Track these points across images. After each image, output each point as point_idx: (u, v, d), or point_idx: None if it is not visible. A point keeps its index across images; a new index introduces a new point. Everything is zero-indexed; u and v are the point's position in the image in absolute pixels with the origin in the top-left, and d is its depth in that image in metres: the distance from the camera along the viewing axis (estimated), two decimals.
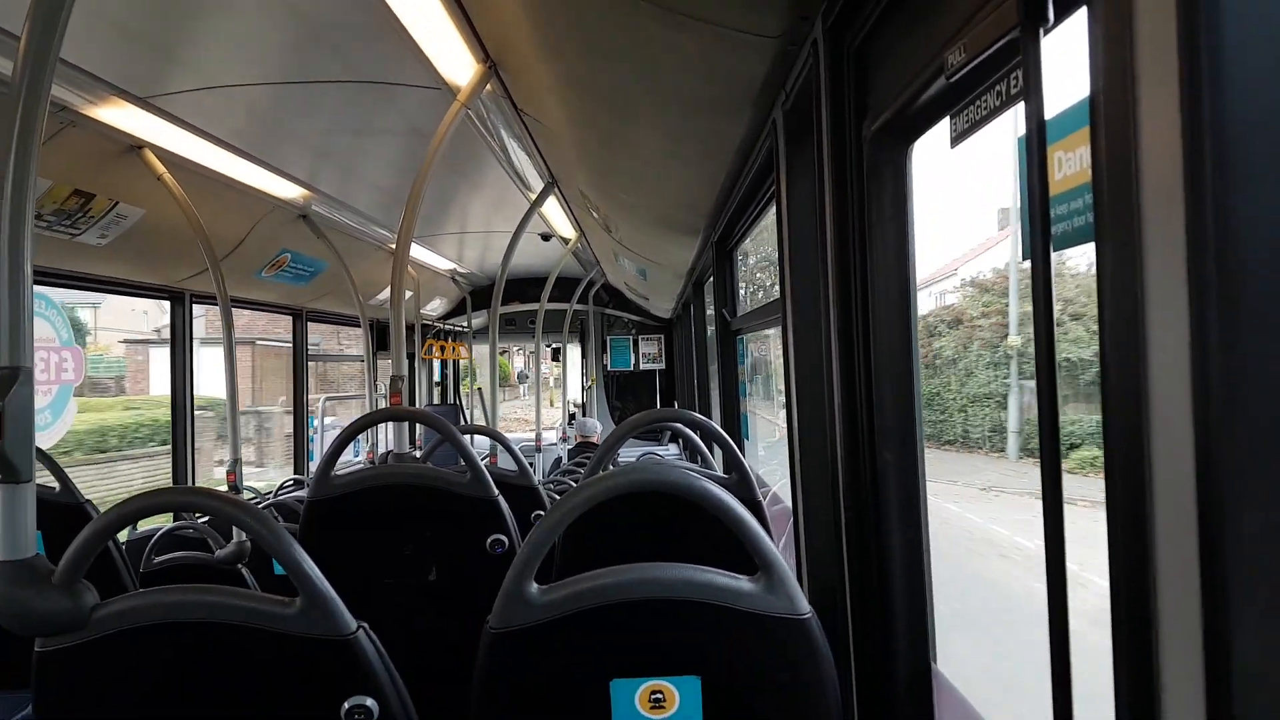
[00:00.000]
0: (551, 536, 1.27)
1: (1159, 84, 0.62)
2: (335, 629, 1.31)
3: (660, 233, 4.22)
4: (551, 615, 1.22)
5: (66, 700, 1.33)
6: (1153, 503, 0.66)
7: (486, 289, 8.80)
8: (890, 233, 1.40)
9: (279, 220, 4.59)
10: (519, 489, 2.99)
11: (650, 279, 6.34)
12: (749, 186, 2.73)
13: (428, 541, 2.39)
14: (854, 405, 1.46)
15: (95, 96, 2.79)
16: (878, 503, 1.42)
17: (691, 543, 1.83)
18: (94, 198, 3.35)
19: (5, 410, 1.39)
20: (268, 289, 5.41)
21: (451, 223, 5.99)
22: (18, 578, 1.34)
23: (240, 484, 4.25)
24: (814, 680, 1.22)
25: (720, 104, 2.05)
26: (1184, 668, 0.63)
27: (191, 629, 1.30)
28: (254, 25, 2.54)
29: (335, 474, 2.38)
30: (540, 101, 2.78)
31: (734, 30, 1.59)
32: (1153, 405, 0.65)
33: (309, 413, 6.71)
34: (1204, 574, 0.61)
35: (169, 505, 1.80)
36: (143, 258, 4.11)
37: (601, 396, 10.08)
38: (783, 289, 1.97)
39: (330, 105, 3.27)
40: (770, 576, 1.23)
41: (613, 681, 1.22)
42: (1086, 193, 0.85)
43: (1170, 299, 0.62)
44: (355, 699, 1.31)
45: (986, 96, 1.06)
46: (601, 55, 2.01)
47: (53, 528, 1.69)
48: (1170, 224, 0.62)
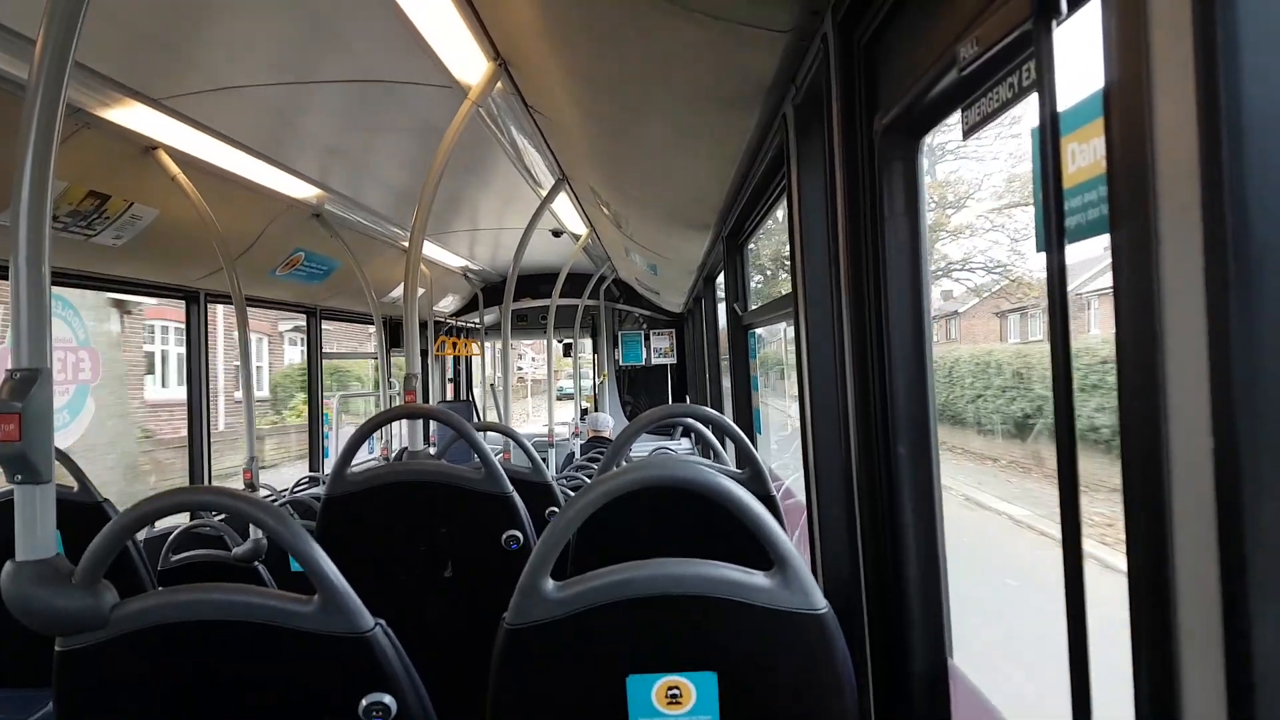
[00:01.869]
0: (567, 533, 1.28)
1: (1175, 74, 0.62)
2: (353, 626, 1.32)
3: (671, 228, 4.22)
4: (568, 611, 1.23)
5: (87, 698, 1.34)
6: (1170, 495, 0.65)
7: (498, 285, 8.81)
8: (902, 226, 1.39)
9: (292, 219, 4.61)
10: (533, 485, 3.00)
11: (661, 274, 6.34)
12: (759, 181, 2.73)
13: (443, 538, 2.41)
14: (868, 399, 1.46)
15: (109, 98, 2.81)
16: (893, 497, 1.42)
17: (705, 538, 1.84)
18: (109, 199, 3.37)
19: (25, 411, 1.40)
20: (282, 288, 5.43)
21: (463, 220, 6.00)
22: (39, 577, 1.35)
23: (256, 482, 4.27)
24: (831, 675, 1.22)
25: (731, 99, 2.05)
26: (1204, 661, 0.63)
27: (210, 627, 1.32)
28: (266, 26, 2.55)
29: (351, 471, 2.40)
30: (550, 98, 2.79)
31: (744, 25, 1.59)
32: (1169, 397, 0.65)
33: (323, 410, 6.74)
34: (1223, 565, 0.60)
35: (188, 504, 1.82)
36: (158, 258, 4.14)
37: (613, 391, 10.09)
38: (795, 283, 1.97)
39: (342, 104, 3.29)
40: (786, 571, 1.23)
41: (629, 677, 1.23)
42: (1100, 185, 0.85)
43: (1187, 289, 0.62)
44: (373, 696, 1.32)
45: (998, 89, 1.06)
46: (611, 51, 2.01)
47: (71, 527, 1.71)
48: (1186, 215, 0.61)
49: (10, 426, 1.39)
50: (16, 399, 1.40)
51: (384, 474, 2.39)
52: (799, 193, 1.92)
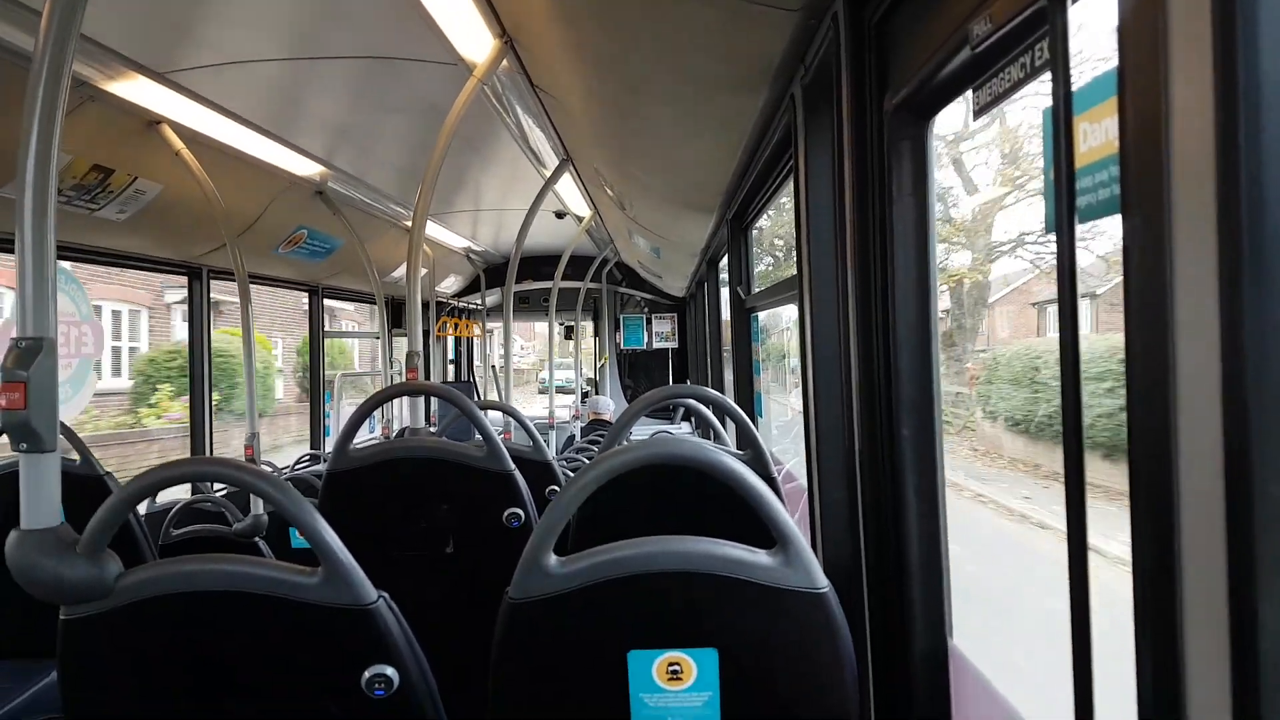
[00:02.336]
0: (571, 508, 1.28)
1: (1191, 54, 0.62)
2: (356, 598, 1.33)
3: (675, 210, 4.21)
4: (570, 586, 1.24)
5: (90, 667, 1.35)
6: (1178, 487, 0.65)
7: (501, 267, 8.80)
8: (910, 208, 1.39)
9: (295, 197, 4.60)
10: (534, 464, 3.01)
11: (664, 257, 6.33)
12: (766, 162, 2.72)
13: (444, 515, 2.41)
14: (872, 381, 1.46)
15: (114, 71, 2.80)
16: (895, 479, 1.42)
17: (706, 518, 1.84)
18: (113, 173, 3.36)
19: (31, 380, 1.40)
20: (284, 265, 5.43)
21: (466, 200, 5.99)
22: (43, 546, 1.35)
23: (258, 458, 4.28)
24: (831, 654, 1.23)
25: (738, 79, 2.04)
26: (1208, 652, 0.63)
27: (214, 598, 1.32)
28: (272, 1, 2.54)
29: (353, 447, 2.40)
30: (556, 77, 2.77)
31: (754, 4, 1.58)
32: (1179, 388, 0.64)
33: (324, 388, 6.75)
34: (1230, 556, 0.60)
35: (193, 475, 1.82)
36: (161, 233, 4.13)
37: (614, 375, 10.09)
38: (800, 264, 1.97)
39: (346, 81, 3.27)
40: (788, 550, 1.23)
41: (630, 653, 1.24)
42: (1112, 165, 0.84)
43: (1200, 274, 0.62)
44: (376, 668, 1.33)
45: (1010, 68, 1.05)
46: (619, 29, 2.00)
47: (73, 499, 1.72)
48: (1201, 195, 0.61)
49: (15, 395, 1.40)
50: (22, 367, 1.40)
51: (387, 450, 2.39)
52: (806, 174, 1.91)
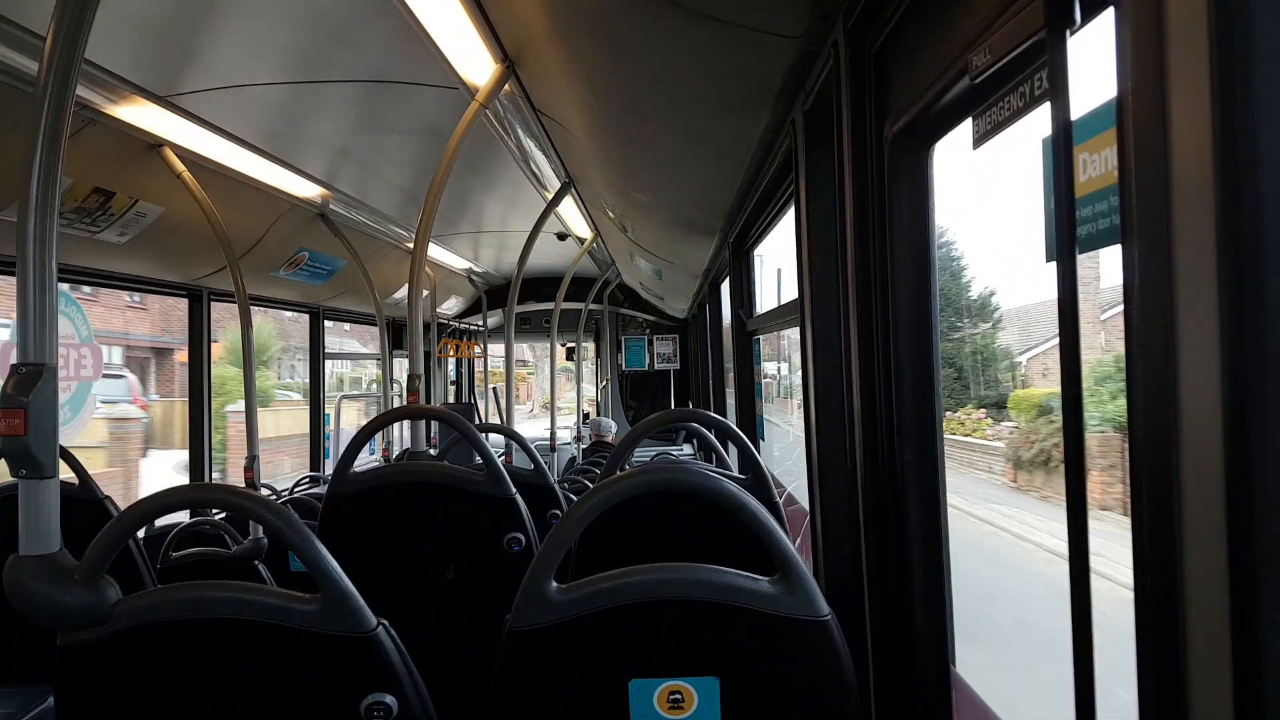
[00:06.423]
0: (572, 535, 1.28)
1: (1191, 85, 0.62)
2: (355, 625, 1.32)
3: (677, 233, 4.22)
4: (571, 614, 1.23)
5: (87, 693, 1.34)
6: (1180, 505, 0.65)
7: (502, 288, 8.82)
8: (911, 234, 1.39)
9: (297, 219, 4.62)
10: (535, 488, 3.00)
11: (666, 279, 6.34)
12: (767, 187, 2.73)
13: (445, 539, 2.40)
14: (874, 406, 1.46)
15: (116, 95, 2.81)
16: (897, 504, 1.41)
17: (707, 543, 1.83)
18: (114, 196, 3.37)
19: (31, 406, 1.40)
20: (285, 287, 5.44)
21: (468, 222, 6.01)
22: (42, 572, 1.35)
23: (258, 481, 4.27)
24: (833, 682, 1.22)
25: (739, 104, 2.05)
26: (1211, 663, 0.62)
27: (213, 624, 1.31)
28: (273, 24, 2.56)
29: (353, 471, 2.39)
30: (558, 101, 2.79)
31: (754, 30, 1.59)
32: (1183, 415, 0.64)
33: (324, 410, 6.74)
34: (1232, 572, 0.60)
35: (192, 501, 1.81)
36: (161, 255, 4.14)
37: (616, 396, 10.08)
38: (801, 289, 1.97)
39: (348, 105, 3.29)
40: (789, 577, 1.22)
41: (631, 681, 1.23)
42: (1111, 194, 0.84)
43: (1201, 302, 0.61)
44: (375, 696, 1.31)
45: (1010, 98, 1.06)
46: (620, 55, 2.01)
47: (72, 523, 1.71)
48: (1201, 226, 0.61)
49: (15, 421, 1.39)
50: (22, 394, 1.40)
51: (387, 474, 2.39)
52: (807, 199, 1.92)
